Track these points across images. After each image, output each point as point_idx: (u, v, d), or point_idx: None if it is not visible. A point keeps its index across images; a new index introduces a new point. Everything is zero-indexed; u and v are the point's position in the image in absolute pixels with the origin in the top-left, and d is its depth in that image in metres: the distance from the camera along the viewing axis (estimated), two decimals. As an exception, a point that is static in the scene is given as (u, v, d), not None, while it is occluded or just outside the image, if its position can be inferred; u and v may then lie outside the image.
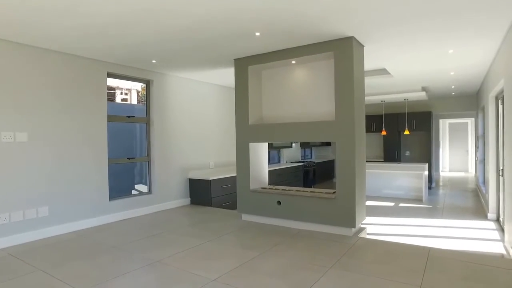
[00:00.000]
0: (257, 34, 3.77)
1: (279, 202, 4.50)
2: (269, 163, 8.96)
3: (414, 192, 7.60)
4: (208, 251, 3.52)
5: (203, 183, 6.09)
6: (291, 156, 9.77)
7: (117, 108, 5.69)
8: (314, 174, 9.71)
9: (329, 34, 3.84)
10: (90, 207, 4.69)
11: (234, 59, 4.92)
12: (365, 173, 4.29)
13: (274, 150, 9.20)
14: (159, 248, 3.67)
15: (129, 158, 5.41)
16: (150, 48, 4.29)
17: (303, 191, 4.40)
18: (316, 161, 9.97)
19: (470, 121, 13.03)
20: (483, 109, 7.71)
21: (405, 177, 7.72)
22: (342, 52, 3.97)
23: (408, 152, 9.87)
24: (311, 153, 11.24)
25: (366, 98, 8.31)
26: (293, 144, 9.69)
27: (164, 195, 5.87)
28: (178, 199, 6.12)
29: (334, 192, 4.10)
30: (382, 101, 8.81)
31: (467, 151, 13.29)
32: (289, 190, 4.51)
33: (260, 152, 5.05)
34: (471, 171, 13.00)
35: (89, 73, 4.72)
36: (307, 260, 3.19)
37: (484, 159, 7.83)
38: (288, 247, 3.59)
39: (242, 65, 4.83)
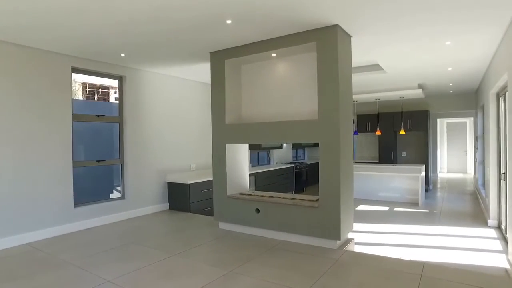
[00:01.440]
0: (229, 22, 3.34)
1: (257, 210, 4.06)
2: (258, 164, 8.52)
3: (410, 195, 7.19)
4: (171, 268, 3.09)
5: (181, 187, 5.65)
6: (282, 157, 9.34)
7: (92, 106, 5.25)
8: (307, 176, 9.28)
9: (311, 22, 3.40)
10: (50, 215, 4.25)
11: (210, 53, 4.48)
12: (353, 178, 3.86)
13: (264, 151, 8.78)
14: (118, 263, 3.23)
15: (98, 161, 4.97)
16: (112, 41, 3.86)
17: (284, 198, 3.97)
18: (308, 162, 9.54)
19: (469, 121, 12.63)
20: (482, 108, 7.29)
21: (401, 179, 7.30)
22: (326, 42, 3.53)
23: (404, 153, 9.45)
24: (303, 153, 10.81)
25: (359, 96, 7.89)
26: (284, 145, 9.26)
27: (139, 200, 5.43)
28: (155, 204, 5.68)
29: (317, 200, 3.67)
30: (376, 99, 8.39)
31: (466, 151, 12.89)
32: (269, 196, 4.08)
33: (240, 154, 4.62)
34: (470, 172, 12.60)
35: (50, 67, 4.27)
36: (280, 280, 2.76)
37: (483, 160, 7.42)
38: (262, 264, 3.15)
39: (218, 59, 4.40)
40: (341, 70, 3.55)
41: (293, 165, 8.73)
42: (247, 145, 4.75)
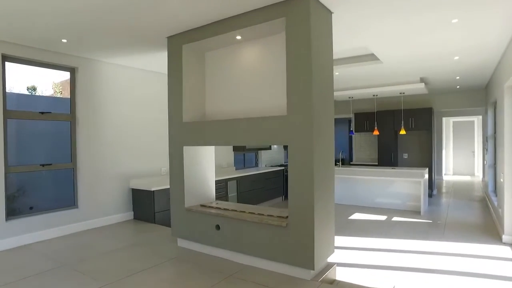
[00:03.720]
0: (170, -11, 2.61)
1: (217, 227, 3.33)
2: (244, 167, 7.78)
3: (411, 201, 6.39)
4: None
5: (145, 194, 4.94)
6: (272, 159, 8.59)
7: (35, 102, 4.56)
8: (298, 179, 8.51)
9: (276, -9, 2.66)
10: (-27, 231, 3.56)
11: (167, 38, 3.76)
12: (333, 188, 3.10)
13: (251, 153, 8.03)
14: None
15: (43, 165, 4.27)
16: (43, 21, 3.15)
17: (250, 212, 3.22)
18: (301, 165, 8.76)
19: (477, 119, 11.75)
20: (493, 104, 6.48)
21: (401, 184, 6.52)
22: (296, 18, 2.78)
23: (406, 154, 8.65)
24: (297, 155, 10.04)
25: (355, 91, 7.10)
26: (274, 145, 8.51)
27: (96, 209, 4.72)
28: (116, 214, 4.97)
29: (286, 217, 2.92)
30: (374, 95, 7.60)
31: (473, 152, 12.02)
32: (232, 210, 3.34)
33: (204, 157, 3.88)
34: (478, 175, 11.72)
35: (-26, 54, 3.59)
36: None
37: (494, 163, 6.60)
38: (207, 303, 2.42)
39: (176, 44, 3.67)
40: (317, 52, 2.80)
41: (283, 167, 7.97)
42: (212, 147, 4.01)
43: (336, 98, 8.01)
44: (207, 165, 3.90)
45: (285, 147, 9.09)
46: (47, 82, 4.67)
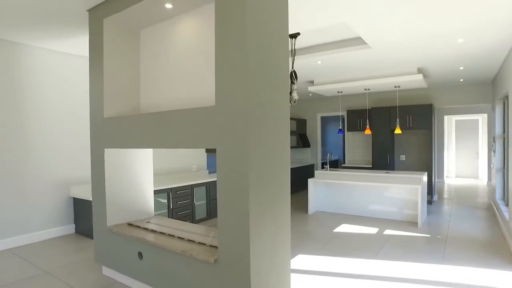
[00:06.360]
0: None
1: (140, 255, 2.51)
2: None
3: (408, 209, 5.56)
4: None
5: (88, 204, 4.13)
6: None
7: None
8: (283, 183, 7.68)
9: None
10: None
11: (88, 11, 2.95)
12: (288, 213, 2.28)
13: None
14: None
15: (-51, 170, 3.46)
16: None
17: (178, 237, 2.40)
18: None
19: (481, 118, 10.89)
20: (503, 100, 5.64)
21: (396, 190, 5.68)
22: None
23: (403, 156, 7.81)
24: (285, 156, 9.21)
25: (344, 85, 6.25)
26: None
27: (20, 223, 3.92)
28: (50, 228, 4.17)
29: (217, 248, 2.10)
30: (366, 89, 6.75)
31: (477, 153, 11.16)
32: (160, 233, 2.52)
33: (135, 162, 3.06)
34: (482, 178, 10.86)
35: None
36: None
37: (504, 166, 5.76)
38: None
39: (96, 19, 2.86)
40: (258, 22, 1.97)
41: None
42: (150, 150, 3.18)
43: (322, 92, 7.17)
44: (142, 171, 3.07)
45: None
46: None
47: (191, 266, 2.14)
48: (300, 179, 8.47)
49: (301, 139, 9.05)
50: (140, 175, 3.06)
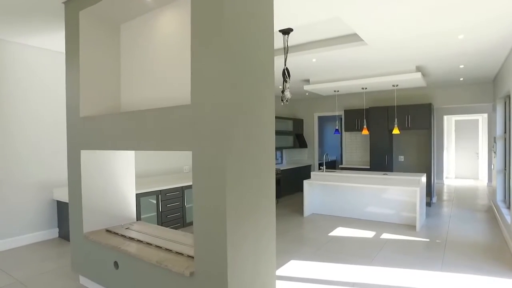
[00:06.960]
0: None
1: (116, 265, 2.34)
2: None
3: (407, 211, 5.39)
4: None
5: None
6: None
7: None
8: (279, 184, 7.52)
9: None
10: None
11: (64, 3, 2.77)
12: (273, 221, 2.11)
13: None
14: None
15: None
16: None
17: (156, 246, 2.22)
18: (282, 168, 7.77)
19: (481, 118, 10.73)
20: (504, 100, 5.48)
21: (394, 192, 5.51)
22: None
23: (402, 156, 7.64)
24: (281, 157, 9.05)
25: (340, 84, 6.08)
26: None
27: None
28: (32, 232, 4.00)
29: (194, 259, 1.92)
30: (363, 88, 6.58)
31: (477, 154, 10.99)
32: (137, 241, 2.34)
33: (115, 164, 2.89)
34: (482, 179, 10.70)
35: None
36: None
37: (505, 168, 5.60)
38: None
39: (72, 11, 2.69)
40: (238, 13, 1.80)
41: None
42: (131, 152, 3.01)
43: (318, 91, 6.99)
44: (123, 173, 2.90)
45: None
46: None
47: (166, 278, 1.97)
48: (296, 180, 8.30)
49: (298, 139, 8.88)
50: (120, 178, 2.88)
